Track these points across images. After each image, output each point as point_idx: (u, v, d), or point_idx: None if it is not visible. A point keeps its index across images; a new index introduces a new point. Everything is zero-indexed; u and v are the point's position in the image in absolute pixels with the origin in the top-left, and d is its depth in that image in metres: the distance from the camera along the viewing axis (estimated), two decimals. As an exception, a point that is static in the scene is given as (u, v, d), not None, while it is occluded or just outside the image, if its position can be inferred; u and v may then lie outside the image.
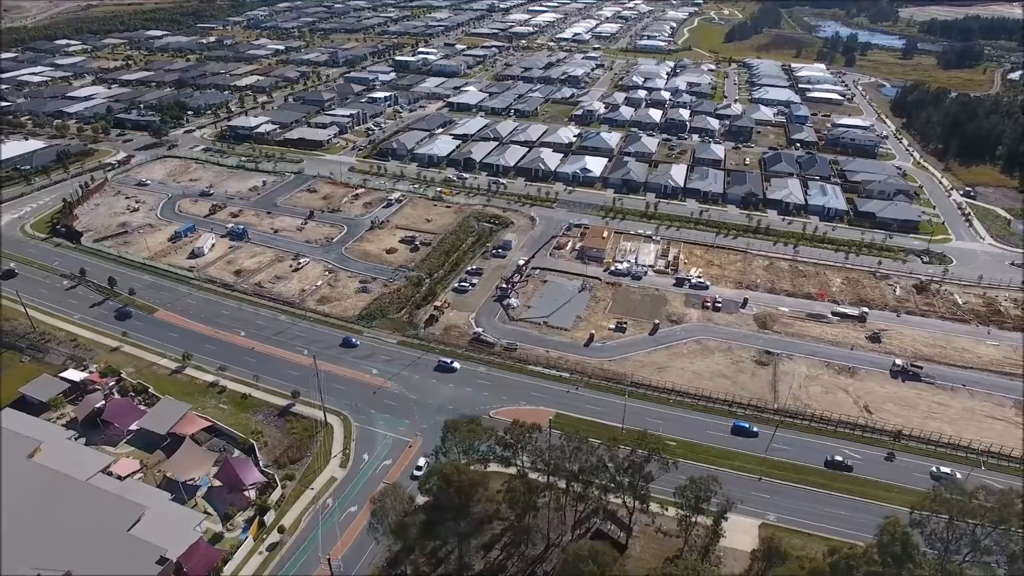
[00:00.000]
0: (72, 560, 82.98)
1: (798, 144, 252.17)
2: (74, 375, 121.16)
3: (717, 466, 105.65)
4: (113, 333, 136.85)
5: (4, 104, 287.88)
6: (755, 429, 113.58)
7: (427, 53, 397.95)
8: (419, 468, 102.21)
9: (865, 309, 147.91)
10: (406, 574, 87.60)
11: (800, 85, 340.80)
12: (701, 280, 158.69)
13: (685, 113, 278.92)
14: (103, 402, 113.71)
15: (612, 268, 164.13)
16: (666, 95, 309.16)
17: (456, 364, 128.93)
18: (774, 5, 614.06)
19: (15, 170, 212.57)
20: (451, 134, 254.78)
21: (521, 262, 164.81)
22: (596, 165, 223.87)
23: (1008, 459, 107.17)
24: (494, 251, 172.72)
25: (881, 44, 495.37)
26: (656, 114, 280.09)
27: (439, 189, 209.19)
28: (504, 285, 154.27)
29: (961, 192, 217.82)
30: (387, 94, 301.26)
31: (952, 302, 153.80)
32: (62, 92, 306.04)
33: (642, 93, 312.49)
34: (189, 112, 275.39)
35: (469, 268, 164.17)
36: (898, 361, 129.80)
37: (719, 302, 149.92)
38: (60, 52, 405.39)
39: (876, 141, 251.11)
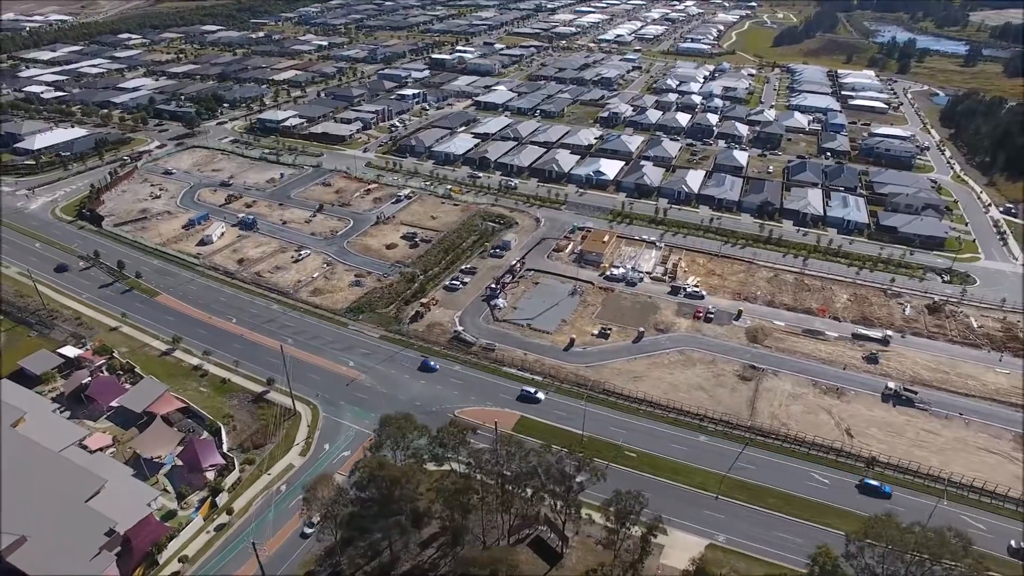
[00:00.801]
0: (29, 526, 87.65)
1: (828, 153, 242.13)
2: (70, 351, 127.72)
3: (676, 481, 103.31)
4: (114, 313, 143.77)
5: (61, 94, 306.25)
6: (888, 489, 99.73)
7: (464, 51, 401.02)
8: (311, 526, 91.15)
9: (889, 332, 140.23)
10: (340, 564, 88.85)
11: (843, 92, 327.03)
12: (697, 289, 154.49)
13: (713, 118, 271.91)
14: (89, 378, 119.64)
15: (607, 273, 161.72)
16: (697, 99, 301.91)
17: (541, 394, 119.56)
18: (832, 9, 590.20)
19: (57, 156, 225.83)
20: (472, 133, 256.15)
21: (515, 263, 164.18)
22: (611, 168, 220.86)
23: (990, 495, 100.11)
24: (492, 251, 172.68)
25: (944, 50, 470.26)
26: (684, 118, 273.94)
27: (449, 187, 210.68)
28: (493, 285, 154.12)
29: (1001, 209, 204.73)
30: (416, 91, 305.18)
31: (966, 325, 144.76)
32: (114, 83, 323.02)
33: (672, 97, 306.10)
34: (225, 104, 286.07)
35: (464, 267, 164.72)
36: (891, 384, 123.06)
37: (711, 313, 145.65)
38: (121, 45, 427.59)
39: (913, 152, 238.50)
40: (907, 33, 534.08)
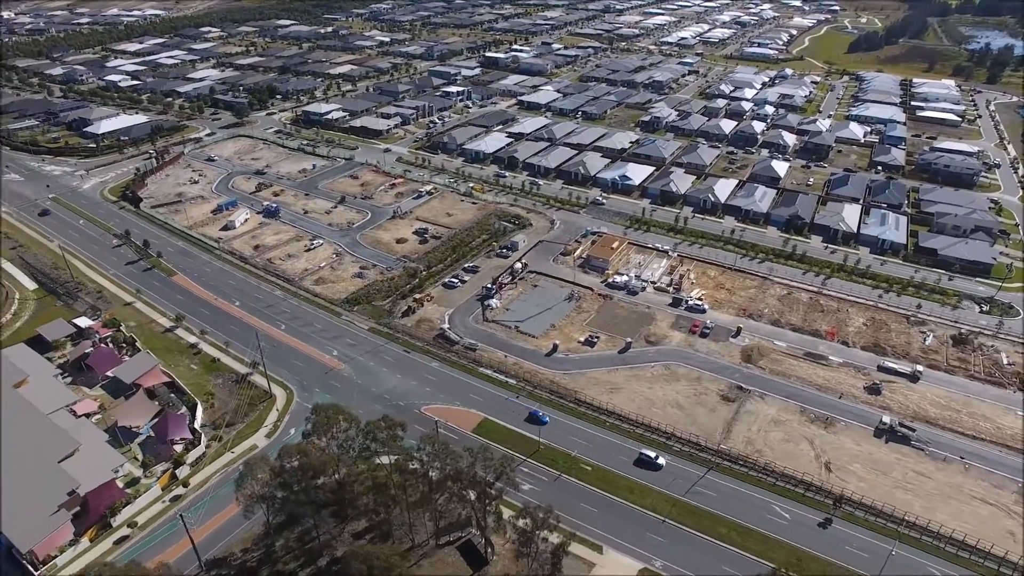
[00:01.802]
0: (1, 478, 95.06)
1: (879, 167, 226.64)
2: (83, 321, 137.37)
3: (627, 500, 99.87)
4: (132, 289, 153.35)
5: (136, 83, 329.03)
6: None
7: (520, 50, 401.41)
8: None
9: (920, 368, 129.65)
10: (274, 546, 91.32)
11: (913, 103, 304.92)
12: (700, 303, 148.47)
13: (760, 126, 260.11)
14: (92, 349, 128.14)
15: (609, 280, 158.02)
16: (747, 106, 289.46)
17: (662, 460, 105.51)
18: (922, 13, 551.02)
19: (116, 140, 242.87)
20: (506, 132, 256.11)
21: (515, 264, 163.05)
22: (637, 173, 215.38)
23: (970, 549, 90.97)
24: (500, 251, 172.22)
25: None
26: (728, 125, 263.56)
27: (471, 185, 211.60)
28: (489, 285, 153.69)
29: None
30: (460, 89, 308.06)
31: (994, 360, 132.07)
32: (184, 73, 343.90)
33: (721, 103, 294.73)
34: (278, 96, 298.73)
35: (467, 265, 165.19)
36: (886, 419, 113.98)
37: (708, 328, 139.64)
38: (200, 38, 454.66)
39: (977, 169, 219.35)
40: (1009, 39, 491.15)
